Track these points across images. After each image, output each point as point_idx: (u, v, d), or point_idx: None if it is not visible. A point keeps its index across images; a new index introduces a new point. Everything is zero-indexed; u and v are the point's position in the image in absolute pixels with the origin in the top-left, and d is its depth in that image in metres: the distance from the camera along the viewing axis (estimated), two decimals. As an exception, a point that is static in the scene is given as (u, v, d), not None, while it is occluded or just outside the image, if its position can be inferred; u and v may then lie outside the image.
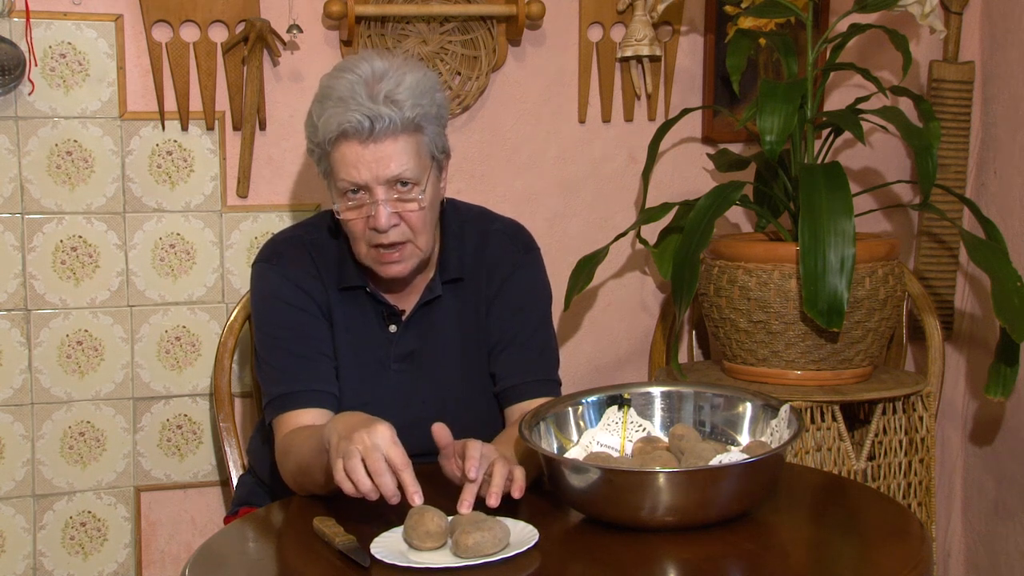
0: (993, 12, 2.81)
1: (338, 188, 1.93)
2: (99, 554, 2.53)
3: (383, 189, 1.90)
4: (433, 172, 1.96)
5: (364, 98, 1.87)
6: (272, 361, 2.01)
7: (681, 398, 1.93)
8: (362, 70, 1.91)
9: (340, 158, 1.90)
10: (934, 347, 2.67)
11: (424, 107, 1.92)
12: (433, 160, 1.96)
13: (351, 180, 1.90)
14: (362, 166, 1.89)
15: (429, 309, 2.06)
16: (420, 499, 1.62)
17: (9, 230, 2.42)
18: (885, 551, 1.64)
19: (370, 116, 1.86)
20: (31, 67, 2.38)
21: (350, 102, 1.87)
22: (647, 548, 1.62)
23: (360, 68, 1.92)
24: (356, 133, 1.87)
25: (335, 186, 1.94)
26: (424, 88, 1.93)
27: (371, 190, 1.90)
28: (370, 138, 1.87)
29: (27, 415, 2.46)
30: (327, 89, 1.93)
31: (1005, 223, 2.68)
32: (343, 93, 1.89)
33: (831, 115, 2.45)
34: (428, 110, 1.93)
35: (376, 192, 1.90)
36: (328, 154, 1.92)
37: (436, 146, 1.96)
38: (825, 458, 2.38)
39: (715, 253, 2.46)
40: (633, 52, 2.66)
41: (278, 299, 2.02)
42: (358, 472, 1.62)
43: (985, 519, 2.88)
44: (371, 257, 1.96)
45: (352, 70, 1.92)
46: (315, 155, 1.97)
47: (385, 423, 1.66)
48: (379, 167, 1.88)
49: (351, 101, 1.87)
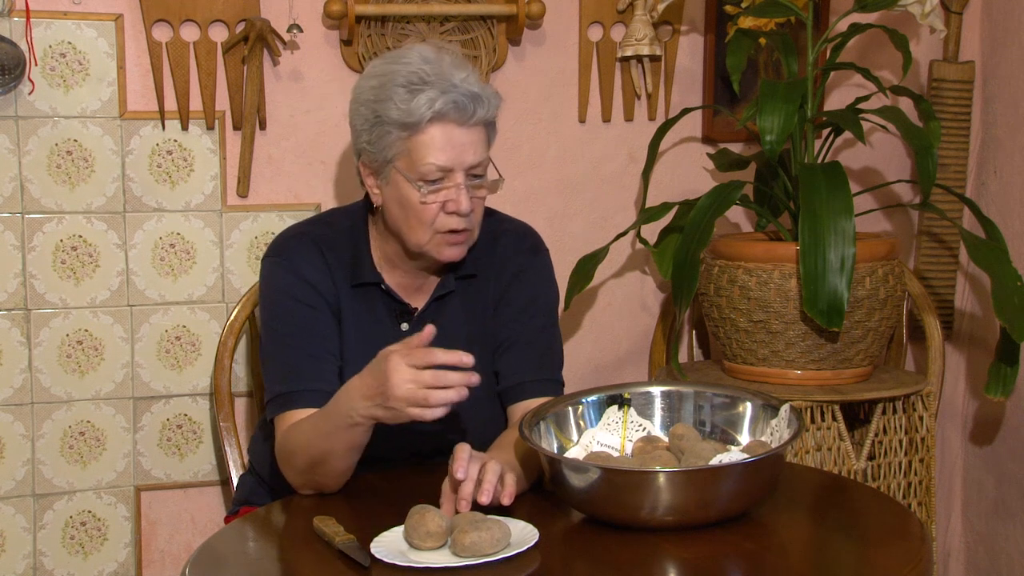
0: (993, 12, 2.81)
1: (420, 172, 1.92)
2: (99, 554, 2.53)
3: (463, 175, 1.93)
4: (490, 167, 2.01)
5: (460, 83, 1.90)
6: (277, 357, 2.01)
7: (681, 398, 1.93)
8: (436, 58, 1.93)
9: (429, 140, 1.91)
10: (934, 347, 2.67)
11: (497, 102, 1.97)
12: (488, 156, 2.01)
13: (439, 164, 1.91)
14: (451, 149, 1.91)
15: (440, 306, 2.06)
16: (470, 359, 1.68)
17: (9, 230, 2.42)
18: (885, 551, 1.64)
19: (473, 99, 1.90)
20: (31, 66, 2.38)
21: (446, 84, 1.89)
22: (647, 548, 1.62)
23: (427, 53, 1.94)
24: (459, 114, 1.90)
25: (415, 169, 1.92)
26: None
27: (452, 175, 1.92)
28: (468, 121, 1.91)
29: (27, 415, 2.46)
30: (403, 74, 1.91)
31: (1005, 223, 2.68)
32: (430, 76, 1.90)
33: (831, 115, 2.45)
34: (497, 107, 1.98)
35: (457, 177, 1.92)
36: (413, 136, 1.91)
37: (492, 143, 2.01)
38: (825, 458, 2.38)
39: (715, 253, 2.46)
40: (633, 52, 2.66)
41: (286, 295, 2.02)
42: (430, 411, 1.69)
43: (985, 519, 2.88)
44: (434, 242, 1.97)
45: (427, 60, 1.93)
46: (389, 137, 1.93)
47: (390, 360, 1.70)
48: (466, 152, 1.92)
49: (446, 83, 1.90)
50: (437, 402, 1.68)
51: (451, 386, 1.68)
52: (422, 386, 1.68)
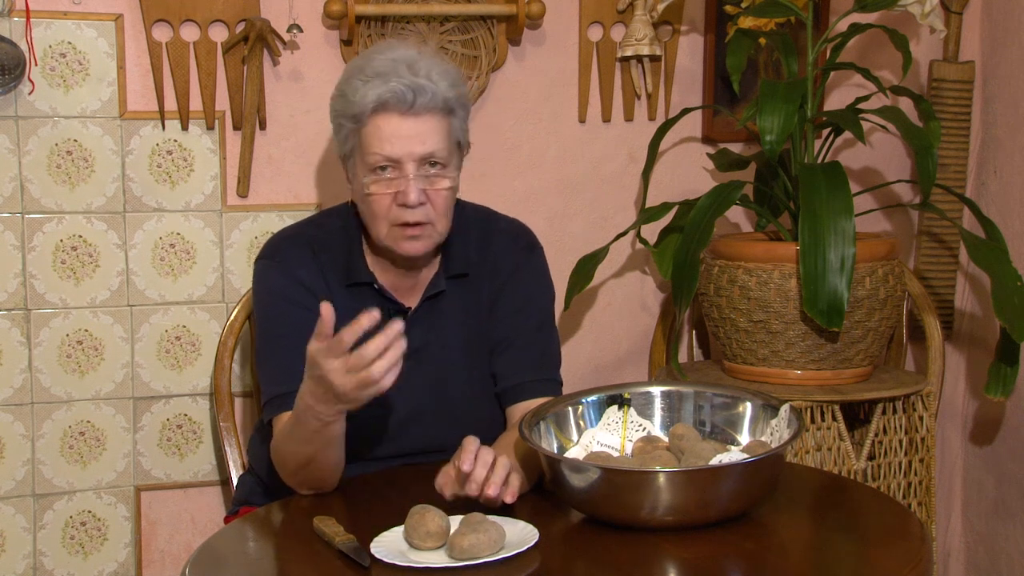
0: (993, 12, 2.81)
1: (367, 163, 1.93)
2: (99, 554, 2.53)
3: (414, 166, 1.92)
4: (456, 159, 1.99)
5: (406, 73, 1.91)
6: (272, 359, 2.01)
7: (681, 398, 1.93)
8: (399, 53, 1.95)
9: (375, 131, 1.92)
10: (934, 347, 2.67)
11: (458, 91, 1.97)
12: (458, 147, 1.99)
13: (384, 154, 1.91)
14: (396, 140, 1.91)
15: (434, 306, 2.06)
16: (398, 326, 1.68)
17: (9, 230, 2.42)
18: (885, 551, 1.64)
19: (413, 88, 1.89)
20: (31, 66, 2.38)
21: (391, 75, 1.90)
22: (647, 548, 1.62)
23: (396, 51, 1.96)
24: (398, 103, 1.90)
25: (363, 161, 1.94)
26: (455, 77, 1.98)
27: (402, 166, 1.92)
28: (410, 110, 1.90)
29: (27, 415, 2.46)
30: (360, 67, 1.95)
31: (1005, 223, 2.68)
32: (382, 69, 1.92)
33: (831, 115, 2.45)
34: (460, 95, 1.98)
35: (407, 168, 1.91)
36: (361, 128, 1.93)
37: (462, 134, 2.00)
38: (825, 458, 2.38)
39: (715, 253, 2.46)
40: (633, 52, 2.66)
41: (279, 297, 2.02)
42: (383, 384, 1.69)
43: (985, 519, 2.88)
44: (391, 236, 1.96)
45: (387, 52, 1.95)
46: (343, 130, 1.97)
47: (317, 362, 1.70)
48: (414, 143, 1.91)
49: (392, 75, 1.91)
50: (382, 374, 1.68)
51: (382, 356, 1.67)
52: (360, 371, 1.68)
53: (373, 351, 1.67)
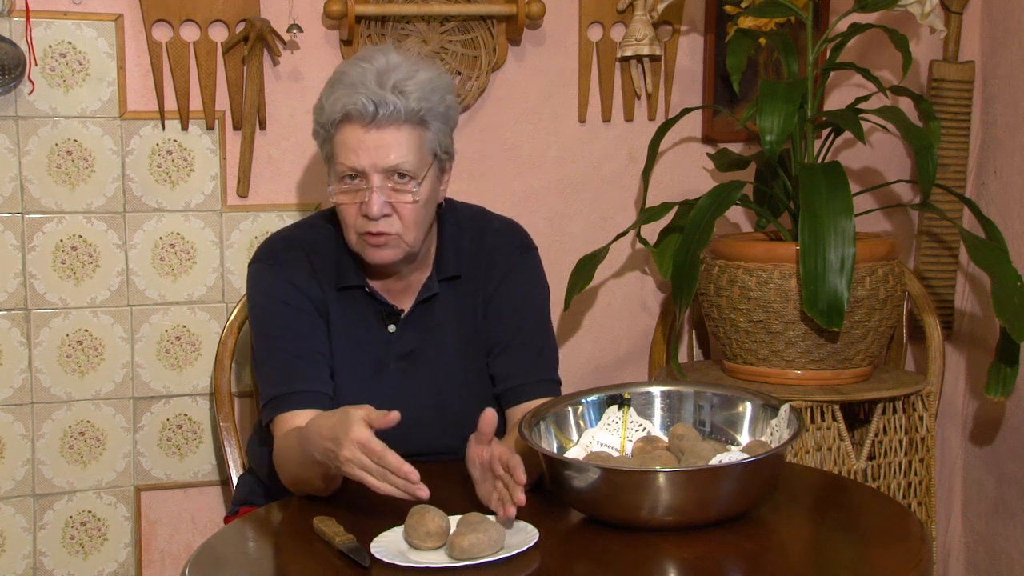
0: (993, 12, 2.81)
1: (336, 172, 1.95)
2: (99, 554, 2.53)
3: (379, 177, 1.91)
4: (433, 170, 1.97)
5: (372, 84, 1.90)
6: (269, 361, 2.01)
7: (681, 398, 1.93)
8: (377, 61, 1.94)
9: (342, 141, 1.92)
10: (934, 347, 2.67)
11: (431, 103, 1.94)
12: (435, 158, 1.97)
13: (349, 164, 1.91)
14: (361, 151, 1.90)
15: (427, 308, 2.06)
16: (416, 475, 1.63)
17: (9, 230, 2.42)
18: (885, 551, 1.64)
19: (375, 101, 1.88)
20: (31, 67, 2.38)
21: (359, 87, 1.90)
22: (647, 548, 1.62)
23: (376, 59, 1.94)
24: (359, 116, 1.89)
25: (333, 170, 1.96)
26: (435, 86, 1.95)
27: (367, 177, 1.91)
28: (372, 123, 1.89)
29: (27, 415, 2.46)
30: (340, 75, 1.95)
31: (1005, 223, 2.68)
32: (354, 79, 1.92)
33: (831, 115, 2.45)
34: (435, 107, 1.94)
35: (372, 179, 1.91)
36: (331, 137, 1.94)
37: (439, 144, 1.97)
38: (825, 458, 2.38)
39: (715, 253, 2.46)
40: (633, 52, 2.66)
41: (274, 299, 2.02)
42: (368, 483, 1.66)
43: (985, 519, 2.88)
44: (359, 244, 1.97)
45: (368, 60, 1.95)
46: (319, 137, 1.99)
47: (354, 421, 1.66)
48: (378, 154, 1.90)
49: (359, 86, 1.90)
50: (378, 491, 1.65)
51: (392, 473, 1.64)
52: (366, 471, 1.66)
53: (393, 482, 1.64)
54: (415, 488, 1.63)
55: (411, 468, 1.63)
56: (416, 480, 1.62)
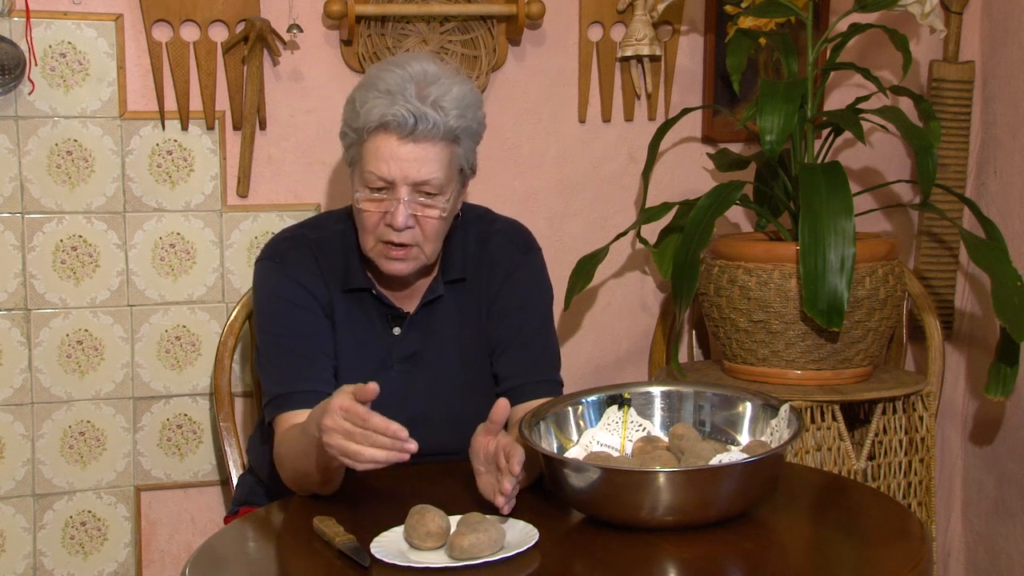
0: (993, 12, 2.81)
1: (363, 178, 1.93)
2: (99, 554, 2.53)
3: (407, 189, 1.91)
4: (457, 185, 1.98)
5: (413, 96, 1.89)
6: (273, 360, 2.01)
7: (681, 398, 1.93)
8: (414, 69, 1.92)
9: (374, 149, 1.91)
10: (934, 347, 2.67)
11: (467, 120, 1.94)
12: (460, 173, 1.98)
13: (379, 174, 1.91)
14: (394, 162, 1.90)
15: (432, 310, 2.06)
16: (404, 432, 1.63)
17: (9, 230, 2.42)
18: (885, 551, 1.64)
19: (416, 114, 1.88)
20: (31, 66, 2.38)
21: (398, 96, 1.89)
22: (647, 548, 1.62)
23: (412, 67, 1.93)
24: (398, 128, 1.88)
25: (360, 175, 1.94)
26: (469, 102, 1.95)
27: (395, 188, 1.91)
28: (410, 136, 1.89)
29: (27, 415, 2.46)
30: (375, 79, 1.93)
31: (1005, 223, 2.68)
32: (392, 86, 1.90)
33: (831, 115, 2.45)
34: (469, 124, 1.95)
35: (400, 191, 1.91)
36: (362, 142, 1.93)
37: (467, 161, 1.98)
38: (825, 458, 2.38)
39: (715, 253, 2.46)
40: (633, 52, 2.66)
41: (280, 298, 2.02)
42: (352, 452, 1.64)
43: (985, 519, 2.88)
44: (377, 251, 1.96)
45: (404, 66, 1.93)
46: (347, 139, 1.98)
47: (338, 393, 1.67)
48: (410, 168, 1.90)
49: (399, 96, 1.89)
50: (362, 459, 1.65)
51: (375, 432, 1.64)
52: (350, 439, 1.65)
53: (379, 441, 1.64)
54: (405, 444, 1.62)
55: (399, 426, 1.63)
56: (405, 436, 1.62)
